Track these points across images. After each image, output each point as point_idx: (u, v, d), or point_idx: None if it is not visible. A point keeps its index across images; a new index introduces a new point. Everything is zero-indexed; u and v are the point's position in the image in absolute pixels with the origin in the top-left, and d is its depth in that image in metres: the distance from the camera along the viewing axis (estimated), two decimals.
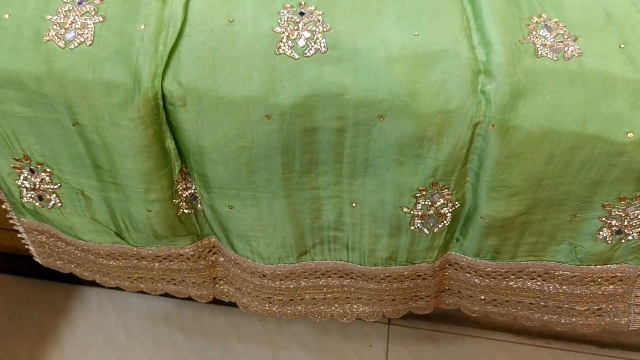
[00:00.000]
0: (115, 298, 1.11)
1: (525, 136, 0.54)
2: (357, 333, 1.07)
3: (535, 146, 0.55)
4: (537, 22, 0.57)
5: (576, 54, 0.55)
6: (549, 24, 0.57)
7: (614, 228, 0.62)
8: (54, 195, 0.69)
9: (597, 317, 0.73)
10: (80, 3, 0.56)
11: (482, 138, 0.55)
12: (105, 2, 0.56)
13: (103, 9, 0.56)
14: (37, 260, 0.85)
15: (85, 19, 0.55)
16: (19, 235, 0.80)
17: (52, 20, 0.55)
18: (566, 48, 0.55)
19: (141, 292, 0.84)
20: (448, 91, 0.53)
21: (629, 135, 0.53)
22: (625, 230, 0.62)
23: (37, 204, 0.70)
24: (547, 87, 0.53)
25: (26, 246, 0.82)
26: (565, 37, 0.56)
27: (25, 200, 0.70)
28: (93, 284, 0.86)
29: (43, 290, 1.12)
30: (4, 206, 0.74)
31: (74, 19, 0.55)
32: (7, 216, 0.76)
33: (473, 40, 0.55)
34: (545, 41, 0.55)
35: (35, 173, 0.66)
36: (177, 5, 0.56)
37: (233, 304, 0.84)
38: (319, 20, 0.56)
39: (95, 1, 0.56)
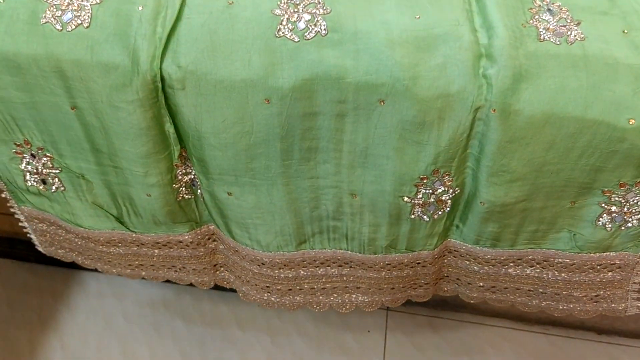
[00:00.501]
0: (114, 283, 1.11)
1: (527, 121, 0.53)
2: (356, 320, 1.08)
3: (537, 131, 0.54)
4: (539, 5, 0.56)
5: (579, 38, 0.54)
6: (551, 8, 0.56)
7: (613, 214, 0.62)
8: (57, 179, 0.68)
9: (595, 303, 0.74)
10: None
11: (483, 123, 0.55)
12: None
13: None
14: (40, 249, 0.85)
15: (82, 0, 0.54)
16: (20, 224, 0.80)
17: (48, 1, 0.54)
18: (569, 32, 0.54)
19: (142, 278, 0.84)
20: (449, 75, 0.53)
21: (630, 122, 0.53)
22: (625, 217, 0.62)
23: (41, 187, 0.70)
24: (550, 71, 0.53)
25: (28, 235, 0.82)
26: (568, 21, 0.55)
27: (30, 184, 0.70)
28: (93, 269, 0.86)
29: (42, 275, 1.12)
30: (3, 195, 0.74)
31: (71, 0, 0.54)
32: (8, 204, 0.76)
33: (475, 23, 0.54)
34: (548, 25, 0.55)
35: (37, 157, 0.66)
36: None
37: (232, 290, 0.84)
38: (319, 2, 0.55)
39: None
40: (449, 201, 0.63)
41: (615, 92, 0.52)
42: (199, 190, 0.69)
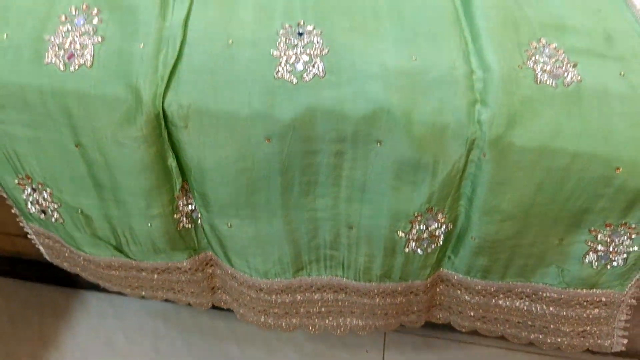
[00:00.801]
0: (115, 302, 1.11)
1: (517, 165, 0.54)
2: (354, 339, 1.08)
3: (526, 175, 0.55)
4: (535, 47, 0.57)
5: (576, 80, 0.54)
6: (548, 50, 0.56)
7: (599, 253, 0.63)
8: (56, 212, 0.69)
9: (582, 339, 0.75)
10: (79, 23, 0.56)
11: (475, 165, 0.56)
12: (104, 22, 0.56)
13: (102, 29, 0.56)
14: (46, 258, 0.86)
15: (85, 40, 0.55)
16: (29, 236, 0.80)
17: (50, 40, 0.55)
18: (566, 74, 0.55)
19: (141, 296, 0.85)
20: (444, 120, 0.53)
21: (617, 172, 0.54)
22: (611, 257, 0.63)
23: (41, 216, 0.71)
24: (544, 118, 0.53)
25: (36, 246, 0.83)
26: (565, 63, 0.56)
27: (32, 211, 0.71)
28: (93, 288, 0.86)
29: (43, 293, 1.13)
30: (13, 211, 0.75)
31: (73, 39, 0.55)
32: (17, 219, 0.77)
33: (471, 64, 0.55)
34: (545, 66, 0.55)
35: (37, 191, 0.67)
36: (175, 25, 0.56)
37: (231, 309, 0.85)
38: (317, 42, 0.55)
39: (94, 21, 0.56)
40: (442, 236, 0.64)
41: (607, 141, 0.53)
42: (199, 220, 0.69)
